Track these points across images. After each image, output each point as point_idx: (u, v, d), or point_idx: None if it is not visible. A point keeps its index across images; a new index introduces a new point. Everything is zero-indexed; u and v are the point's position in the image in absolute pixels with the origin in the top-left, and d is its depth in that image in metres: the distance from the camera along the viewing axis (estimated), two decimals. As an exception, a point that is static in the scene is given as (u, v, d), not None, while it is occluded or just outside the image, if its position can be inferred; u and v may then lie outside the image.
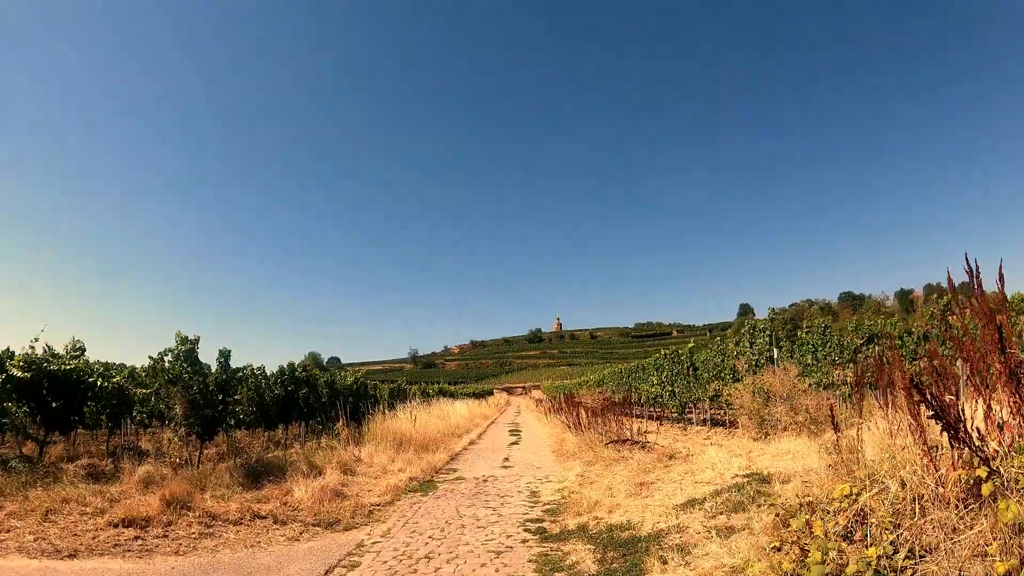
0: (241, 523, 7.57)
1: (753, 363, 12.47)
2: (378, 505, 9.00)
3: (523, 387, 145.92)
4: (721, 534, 5.53)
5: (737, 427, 14.65)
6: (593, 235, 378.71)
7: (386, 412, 17.52)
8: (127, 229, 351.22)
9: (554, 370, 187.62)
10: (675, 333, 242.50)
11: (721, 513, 6.29)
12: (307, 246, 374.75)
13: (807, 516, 4.73)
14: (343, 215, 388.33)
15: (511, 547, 6.29)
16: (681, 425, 17.43)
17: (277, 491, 9.07)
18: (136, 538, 7.02)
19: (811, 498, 4.86)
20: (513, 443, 19.77)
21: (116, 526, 7.39)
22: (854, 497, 4.49)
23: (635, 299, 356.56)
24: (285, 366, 14.79)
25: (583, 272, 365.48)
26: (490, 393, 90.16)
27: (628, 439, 10.56)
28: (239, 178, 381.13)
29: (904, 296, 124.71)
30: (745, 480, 7.50)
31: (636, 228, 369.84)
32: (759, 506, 6.29)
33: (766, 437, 11.45)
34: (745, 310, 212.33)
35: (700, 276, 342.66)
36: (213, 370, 11.74)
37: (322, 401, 16.30)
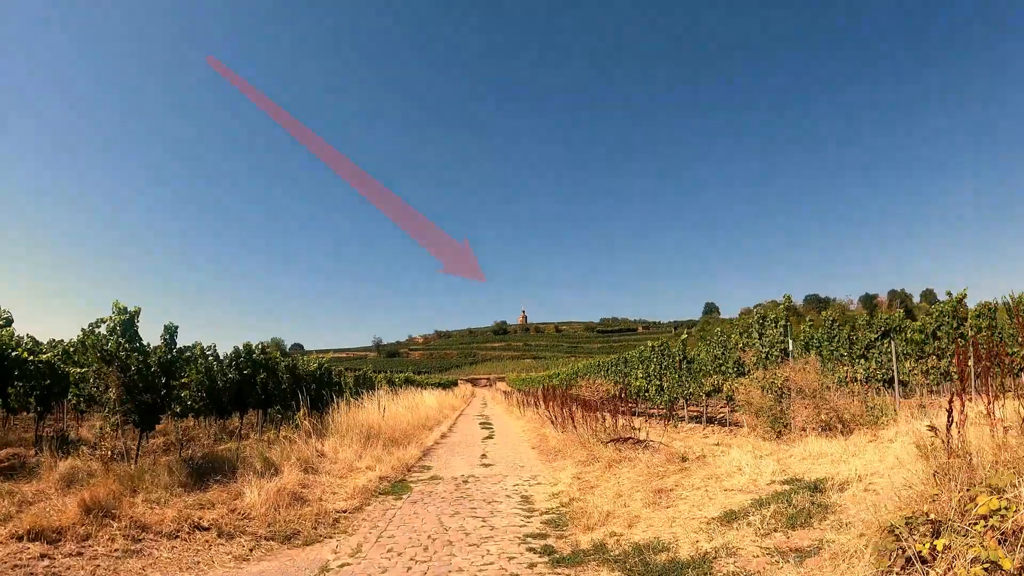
0: (178, 536, 6.16)
1: (763, 356, 11.46)
2: (344, 512, 7.68)
3: (488, 378, 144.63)
4: (789, 558, 4.39)
5: (739, 425, 13.67)
6: (560, 229, 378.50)
7: (351, 401, 16.09)
8: (81, 203, 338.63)
9: (519, 362, 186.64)
10: (640, 329, 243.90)
11: (776, 530, 5.15)
12: (272, 232, 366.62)
13: (931, 539, 3.60)
14: (309, 202, 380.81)
15: (517, 575, 5.04)
16: (671, 422, 16.42)
17: (225, 493, 7.66)
18: (43, 556, 5.57)
19: (933, 514, 3.72)
20: (487, 437, 18.58)
21: (21, 539, 5.92)
22: (1001, 512, 3.38)
23: (600, 295, 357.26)
24: (241, 347, 13.24)
25: (549, 266, 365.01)
26: (455, 384, 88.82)
27: (630, 437, 9.40)
28: (202, 155, 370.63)
29: (869, 300, 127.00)
30: (788, 488, 6.39)
31: (602, 224, 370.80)
32: (822, 520, 5.18)
33: (779, 437, 10.44)
34: (710, 309, 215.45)
35: (665, 274, 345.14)
36: (156, 348, 10.26)
37: (282, 388, 14.79)
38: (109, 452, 8.97)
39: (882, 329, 12.78)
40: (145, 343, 9.88)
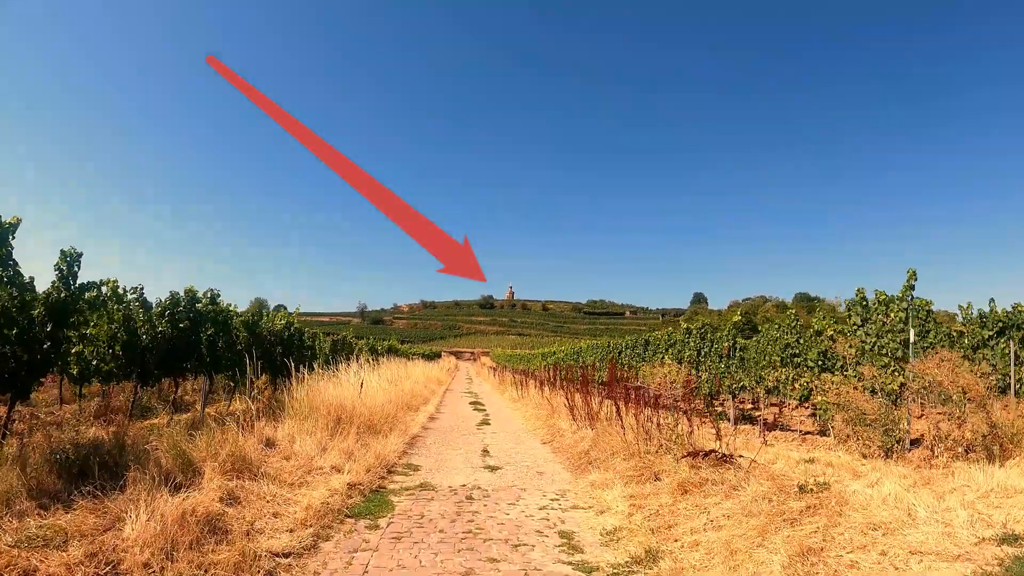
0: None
1: (867, 348, 8.71)
2: (287, 555, 4.78)
3: (472, 352, 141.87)
4: None
5: (815, 433, 10.97)
6: (552, 208, 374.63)
7: (323, 371, 13.10)
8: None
9: (503, 338, 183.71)
10: (628, 314, 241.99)
11: None
12: (262, 194, 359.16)
13: None
14: (300, 164, 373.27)
15: None
16: (708, 420, 13.67)
17: (95, 515, 4.75)
18: None
19: None
20: (483, 423, 15.79)
21: None
22: None
23: (589, 277, 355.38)
24: (182, 293, 10.20)
25: (540, 243, 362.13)
26: (438, 356, 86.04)
27: (713, 451, 6.59)
28: (197, 114, 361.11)
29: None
30: (1015, 551, 3.63)
31: (596, 208, 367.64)
32: None
33: (888, 455, 7.72)
34: (699, 299, 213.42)
35: (655, 262, 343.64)
36: (49, 283, 7.30)
37: (237, 349, 11.83)
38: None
39: (999, 325, 10.12)
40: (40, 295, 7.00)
